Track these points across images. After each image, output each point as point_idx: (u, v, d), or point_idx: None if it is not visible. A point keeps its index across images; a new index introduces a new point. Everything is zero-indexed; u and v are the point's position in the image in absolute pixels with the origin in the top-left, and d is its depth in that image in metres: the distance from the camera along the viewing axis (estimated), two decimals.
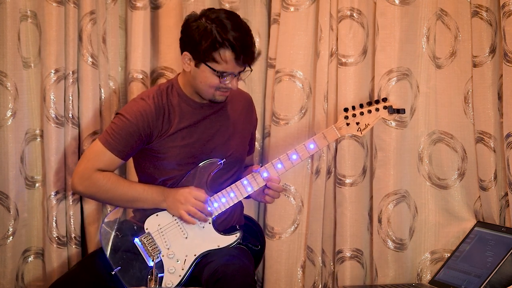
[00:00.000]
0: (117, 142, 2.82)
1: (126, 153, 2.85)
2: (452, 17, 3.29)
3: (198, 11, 3.42)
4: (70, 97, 3.29)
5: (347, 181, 3.33)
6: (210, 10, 2.79)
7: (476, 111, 3.26)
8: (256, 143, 3.29)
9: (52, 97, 3.25)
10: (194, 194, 2.82)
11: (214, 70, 2.74)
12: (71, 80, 3.28)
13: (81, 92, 3.31)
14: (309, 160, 3.37)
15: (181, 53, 2.83)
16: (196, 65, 2.78)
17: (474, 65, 3.24)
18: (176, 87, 2.90)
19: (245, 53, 2.73)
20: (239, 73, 2.78)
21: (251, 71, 2.82)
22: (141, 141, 2.84)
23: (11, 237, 3.28)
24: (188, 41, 2.77)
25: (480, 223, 3.29)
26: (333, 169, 3.38)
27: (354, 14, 3.31)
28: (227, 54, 2.71)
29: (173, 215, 2.85)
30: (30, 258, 3.35)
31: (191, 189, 2.83)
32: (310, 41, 3.37)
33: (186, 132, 2.87)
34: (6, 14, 3.19)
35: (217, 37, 2.69)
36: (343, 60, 3.32)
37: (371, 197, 3.36)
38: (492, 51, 3.19)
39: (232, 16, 2.77)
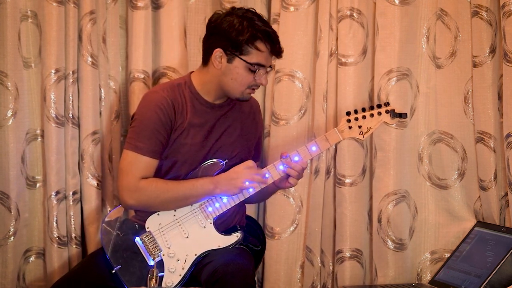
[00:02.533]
0: (147, 143, 2.80)
1: (159, 151, 2.83)
2: (452, 17, 3.29)
3: (200, 11, 3.47)
4: (70, 97, 3.29)
5: (347, 181, 3.33)
6: (235, 9, 2.84)
7: (476, 111, 3.26)
8: None
9: (52, 97, 3.25)
10: (242, 165, 2.84)
11: (249, 63, 2.78)
12: (71, 80, 3.28)
13: (81, 92, 3.32)
14: (309, 160, 3.36)
15: (207, 51, 2.84)
16: (229, 61, 2.80)
17: (474, 65, 3.24)
18: (189, 84, 2.90)
19: (278, 43, 2.83)
20: (268, 69, 2.85)
21: (272, 69, 2.91)
22: (167, 134, 2.83)
23: (12, 237, 3.28)
24: (221, 37, 2.79)
25: (480, 223, 3.29)
26: (332, 169, 3.38)
27: (354, 14, 3.31)
28: (264, 44, 2.79)
29: (229, 195, 2.85)
30: (31, 258, 3.35)
31: (236, 166, 2.85)
32: (309, 41, 3.37)
33: (197, 130, 2.88)
34: (6, 14, 3.19)
35: (254, 30, 2.76)
36: (343, 60, 3.32)
37: (371, 197, 3.36)
38: (492, 51, 3.19)
39: (257, 14, 2.85)
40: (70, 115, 3.29)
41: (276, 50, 2.83)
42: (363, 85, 3.35)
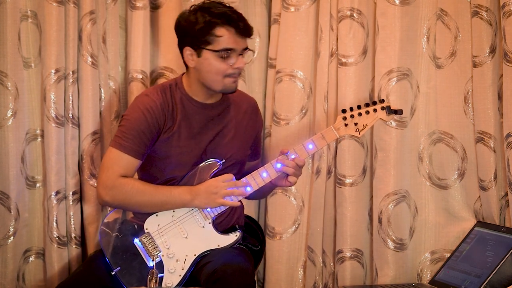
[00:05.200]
0: (131, 143, 2.81)
1: (142, 152, 2.84)
2: (452, 17, 3.29)
3: None
4: (70, 97, 3.29)
5: (347, 181, 3.34)
6: (194, 4, 2.84)
7: (476, 111, 3.26)
8: None
9: (52, 97, 3.25)
10: (220, 178, 2.82)
11: (217, 51, 2.76)
12: (71, 80, 3.28)
13: (81, 92, 3.31)
14: (310, 160, 3.37)
15: (182, 54, 2.85)
16: (198, 55, 2.80)
17: (474, 65, 3.24)
18: (179, 85, 2.91)
19: (242, 22, 2.77)
20: (243, 51, 2.80)
21: (254, 53, 2.84)
22: (153, 137, 2.84)
23: (12, 237, 3.28)
24: (183, 35, 2.82)
25: (480, 223, 3.28)
26: (333, 169, 3.38)
27: (354, 14, 3.31)
28: (224, 29, 2.75)
29: (201, 208, 2.84)
30: (31, 258, 3.35)
31: (214, 178, 2.83)
32: (310, 41, 3.37)
33: (189, 132, 2.88)
34: (6, 14, 3.19)
35: (208, 17, 2.75)
36: (343, 60, 3.32)
37: (371, 197, 3.36)
38: (492, 51, 3.19)
39: (215, 1, 2.83)
40: (70, 115, 3.29)
41: (240, 29, 2.77)
42: (363, 85, 3.35)
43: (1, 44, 3.20)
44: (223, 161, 2.87)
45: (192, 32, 2.77)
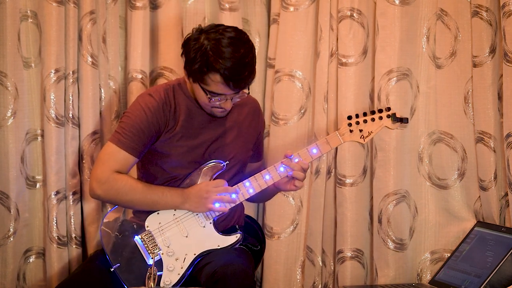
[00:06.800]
0: (129, 140, 2.82)
1: (140, 150, 2.84)
2: (452, 17, 3.29)
3: (198, 11, 3.44)
4: (70, 97, 3.29)
5: (347, 181, 3.34)
6: (212, 27, 2.76)
7: (476, 111, 3.27)
8: None
9: (52, 97, 3.25)
10: (212, 183, 2.83)
11: (204, 90, 2.76)
12: (71, 80, 3.28)
13: (81, 92, 3.31)
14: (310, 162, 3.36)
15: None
16: (192, 82, 2.80)
17: (474, 65, 3.25)
18: (183, 86, 2.91)
19: (235, 80, 2.70)
20: (233, 95, 2.77)
21: (248, 93, 2.81)
22: (152, 136, 2.84)
23: (12, 237, 3.28)
24: (185, 58, 2.79)
25: (480, 223, 3.29)
26: (333, 169, 3.38)
27: (354, 14, 3.31)
28: (216, 77, 2.70)
29: (192, 212, 2.85)
30: (31, 258, 3.35)
31: (205, 182, 2.84)
32: (309, 41, 3.38)
33: (192, 132, 2.88)
34: (6, 14, 3.19)
35: (208, 60, 2.68)
36: (343, 60, 3.32)
37: (371, 197, 3.36)
38: (492, 51, 3.20)
39: (232, 39, 2.71)
40: (70, 115, 3.29)
41: (230, 87, 2.71)
42: (363, 85, 3.35)
43: (1, 44, 3.20)
44: (226, 162, 2.88)
45: (191, 64, 2.74)
